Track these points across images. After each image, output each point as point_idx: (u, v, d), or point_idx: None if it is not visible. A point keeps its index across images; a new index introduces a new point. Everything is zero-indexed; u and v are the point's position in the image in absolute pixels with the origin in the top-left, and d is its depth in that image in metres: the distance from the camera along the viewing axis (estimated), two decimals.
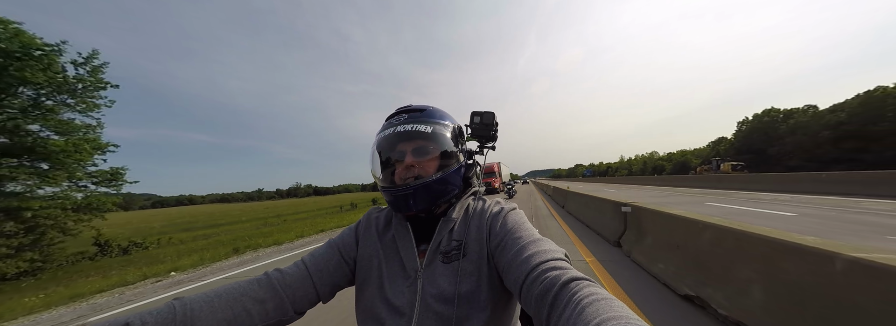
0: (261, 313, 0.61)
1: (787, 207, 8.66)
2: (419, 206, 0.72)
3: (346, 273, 0.75)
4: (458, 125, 0.86)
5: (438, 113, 0.82)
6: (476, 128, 0.93)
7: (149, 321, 0.51)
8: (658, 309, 2.75)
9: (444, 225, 0.74)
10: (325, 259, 0.73)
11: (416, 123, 0.75)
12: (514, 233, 0.66)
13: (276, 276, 0.67)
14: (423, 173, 0.73)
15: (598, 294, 0.44)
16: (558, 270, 0.52)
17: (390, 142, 0.76)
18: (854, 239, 4.82)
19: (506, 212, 0.75)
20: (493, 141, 0.94)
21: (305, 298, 0.68)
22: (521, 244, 0.62)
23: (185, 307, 0.55)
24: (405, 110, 0.81)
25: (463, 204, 0.78)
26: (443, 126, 0.79)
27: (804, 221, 6.45)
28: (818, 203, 9.18)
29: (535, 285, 0.52)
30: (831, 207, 8.17)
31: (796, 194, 11.96)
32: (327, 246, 0.78)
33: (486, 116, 0.93)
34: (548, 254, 0.58)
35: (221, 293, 0.60)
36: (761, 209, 8.59)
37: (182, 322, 0.53)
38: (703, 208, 9.60)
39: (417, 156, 0.74)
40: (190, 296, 0.58)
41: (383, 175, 0.77)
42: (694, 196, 14.18)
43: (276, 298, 0.63)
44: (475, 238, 0.71)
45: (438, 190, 0.74)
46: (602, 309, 0.41)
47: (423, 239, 0.74)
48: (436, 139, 0.76)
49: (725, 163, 39.40)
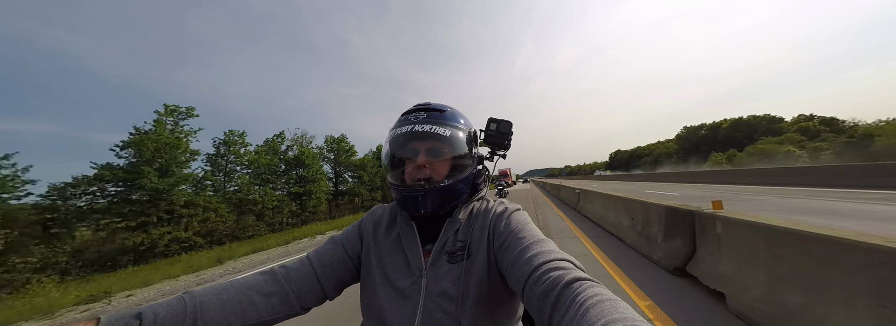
0: (267, 306, 0.63)
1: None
2: (427, 208, 0.72)
3: (350, 270, 0.76)
4: (473, 129, 0.86)
5: (457, 115, 0.82)
6: (491, 135, 0.93)
7: (160, 313, 0.53)
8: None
9: (450, 225, 0.74)
10: (329, 255, 0.74)
11: (433, 124, 0.74)
12: (518, 234, 0.66)
13: (281, 272, 0.69)
14: (434, 174, 0.73)
15: (602, 295, 0.44)
16: (561, 270, 0.52)
17: (405, 139, 0.75)
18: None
19: (509, 213, 0.74)
20: (506, 149, 0.94)
21: (311, 294, 0.69)
22: (525, 244, 0.63)
23: (194, 299, 0.57)
24: (424, 108, 0.79)
25: (468, 206, 0.79)
26: (460, 129, 0.78)
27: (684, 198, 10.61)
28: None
29: (538, 284, 0.52)
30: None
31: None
32: (331, 242, 0.78)
33: (503, 125, 0.93)
34: (551, 255, 0.58)
35: (229, 286, 0.62)
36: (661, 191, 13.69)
37: (192, 313, 0.55)
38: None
39: (431, 156, 0.74)
40: (199, 289, 0.60)
41: (394, 172, 0.78)
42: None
43: (281, 292, 0.65)
44: (479, 238, 0.71)
45: (448, 194, 0.74)
46: (607, 311, 0.40)
47: (428, 238, 0.74)
48: (451, 142, 0.75)
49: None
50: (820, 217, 5.66)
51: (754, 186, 13.70)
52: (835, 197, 8.37)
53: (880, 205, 6.47)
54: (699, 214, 3.08)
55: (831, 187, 10.69)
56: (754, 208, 7.26)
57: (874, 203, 6.86)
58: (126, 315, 0.50)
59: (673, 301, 2.67)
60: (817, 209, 6.59)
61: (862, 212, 5.77)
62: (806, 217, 5.70)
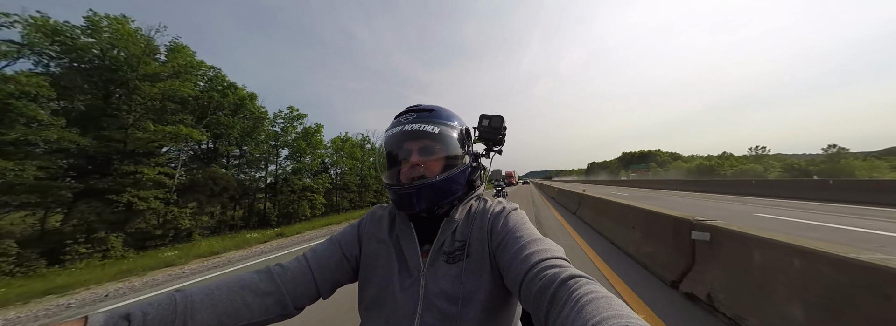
0: (261, 307, 0.62)
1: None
2: (422, 206, 0.72)
3: (347, 271, 0.75)
4: (466, 127, 0.86)
5: (447, 113, 0.83)
6: (484, 131, 0.95)
7: (149, 312, 0.51)
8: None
9: (448, 225, 0.74)
10: (326, 255, 0.74)
11: (423, 123, 0.76)
12: (515, 232, 0.67)
13: (277, 271, 0.68)
14: (428, 173, 0.74)
15: (597, 292, 0.45)
16: (557, 268, 0.53)
17: (397, 140, 0.76)
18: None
19: (507, 212, 0.75)
20: (501, 144, 0.96)
21: (305, 294, 0.69)
22: (522, 242, 0.63)
23: (185, 298, 0.55)
24: (414, 109, 0.81)
25: (466, 206, 0.79)
26: (450, 127, 0.79)
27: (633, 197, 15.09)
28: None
29: (535, 282, 0.53)
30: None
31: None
32: (329, 242, 0.78)
33: (495, 120, 0.95)
34: (548, 253, 0.58)
35: (222, 285, 0.61)
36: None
37: (182, 313, 0.53)
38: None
39: (423, 155, 0.75)
40: (191, 288, 0.59)
41: (389, 173, 0.79)
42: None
43: (276, 292, 0.64)
44: (477, 238, 0.71)
45: (442, 191, 0.74)
46: (602, 307, 0.41)
47: (426, 238, 0.74)
48: (442, 139, 0.76)
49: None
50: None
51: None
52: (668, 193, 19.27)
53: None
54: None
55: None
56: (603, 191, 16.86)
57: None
58: (114, 314, 0.49)
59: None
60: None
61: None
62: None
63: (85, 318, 0.47)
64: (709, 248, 2.52)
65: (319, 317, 2.83)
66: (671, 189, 23.08)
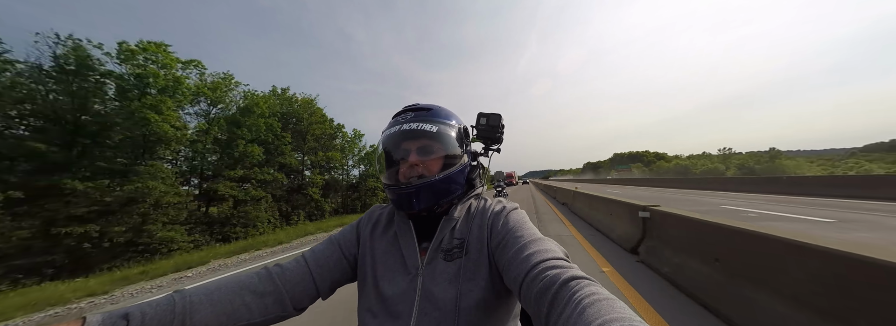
0: (260, 307, 0.61)
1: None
2: (421, 205, 0.72)
3: (346, 270, 0.75)
4: (463, 126, 0.85)
5: (444, 112, 0.82)
6: (482, 130, 0.95)
7: (148, 312, 0.51)
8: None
9: (446, 223, 0.73)
10: (325, 255, 0.74)
11: (421, 122, 0.75)
12: (516, 232, 0.66)
13: (276, 271, 0.67)
14: (427, 172, 0.73)
15: (599, 294, 0.44)
16: (558, 269, 0.52)
17: (395, 139, 0.76)
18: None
19: (507, 212, 0.74)
20: (499, 143, 0.96)
21: (305, 294, 0.68)
22: (522, 242, 0.62)
23: (184, 299, 0.55)
24: (412, 109, 0.81)
25: (465, 204, 0.78)
26: (448, 126, 0.78)
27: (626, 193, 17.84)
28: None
29: (535, 283, 0.52)
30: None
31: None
32: (328, 242, 0.77)
33: (493, 118, 0.94)
34: (548, 253, 0.57)
35: (221, 285, 0.61)
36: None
37: (181, 314, 0.53)
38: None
39: (421, 154, 0.74)
40: (190, 288, 0.58)
41: (388, 172, 0.78)
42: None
43: (275, 293, 0.64)
44: (476, 236, 0.71)
45: (441, 190, 0.73)
46: (604, 310, 0.41)
47: (425, 237, 0.74)
48: (440, 139, 0.75)
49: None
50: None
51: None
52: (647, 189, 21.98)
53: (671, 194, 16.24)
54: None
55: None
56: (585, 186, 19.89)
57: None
58: (113, 314, 0.48)
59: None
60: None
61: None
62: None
63: (83, 319, 0.46)
64: (652, 225, 3.89)
65: (322, 317, 2.95)
66: (659, 187, 25.72)
